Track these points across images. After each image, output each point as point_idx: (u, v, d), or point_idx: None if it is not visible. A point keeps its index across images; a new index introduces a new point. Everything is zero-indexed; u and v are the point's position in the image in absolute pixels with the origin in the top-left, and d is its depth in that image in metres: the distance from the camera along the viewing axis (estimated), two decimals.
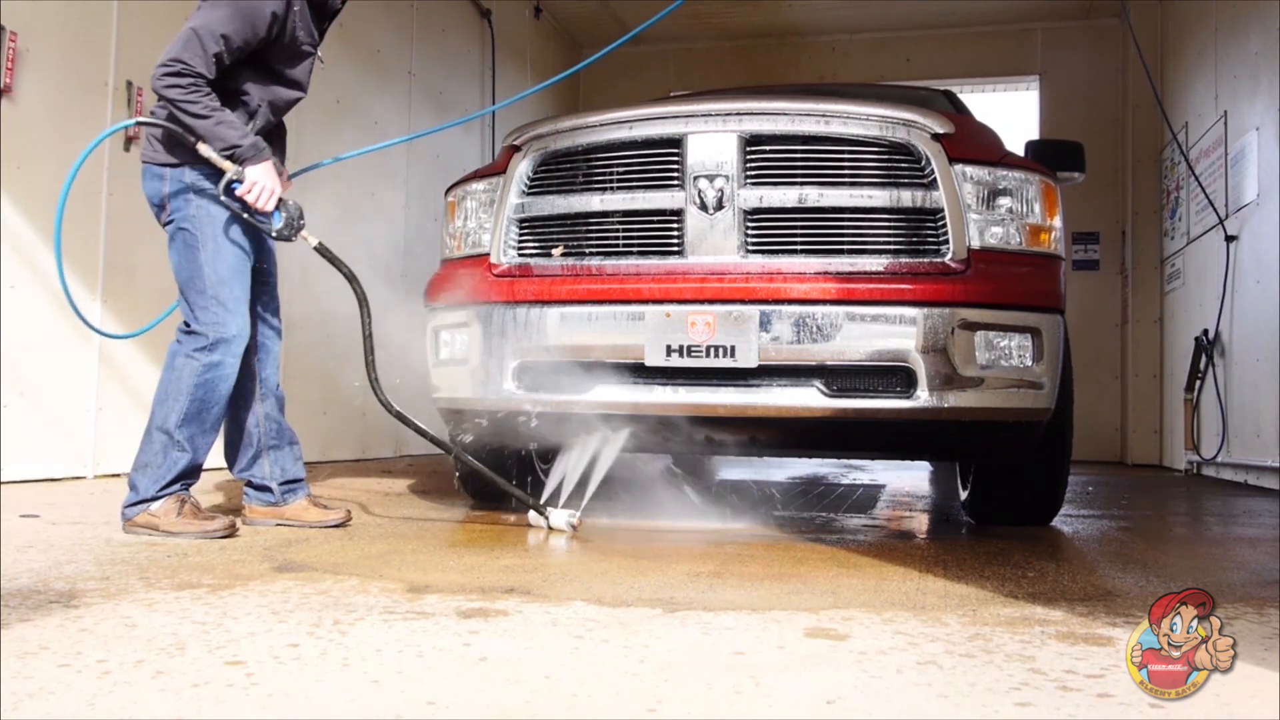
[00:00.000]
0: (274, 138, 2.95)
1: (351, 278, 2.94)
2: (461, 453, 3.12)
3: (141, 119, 2.81)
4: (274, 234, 2.80)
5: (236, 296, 2.77)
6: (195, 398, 2.71)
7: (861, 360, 2.78)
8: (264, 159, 2.73)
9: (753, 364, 2.81)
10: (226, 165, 2.70)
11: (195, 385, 2.71)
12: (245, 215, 2.78)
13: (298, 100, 2.94)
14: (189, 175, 2.74)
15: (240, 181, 2.70)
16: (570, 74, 4.01)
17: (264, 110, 2.84)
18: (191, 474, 2.76)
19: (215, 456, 2.89)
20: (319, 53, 2.95)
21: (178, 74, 2.65)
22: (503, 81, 7.79)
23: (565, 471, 3.13)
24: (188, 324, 2.77)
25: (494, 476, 3.07)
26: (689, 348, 2.84)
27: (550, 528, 2.99)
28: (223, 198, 2.72)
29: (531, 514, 3.09)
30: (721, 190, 2.92)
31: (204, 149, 2.69)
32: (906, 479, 5.77)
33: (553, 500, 3.09)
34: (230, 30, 2.69)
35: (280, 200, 2.78)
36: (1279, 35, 5.24)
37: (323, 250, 2.91)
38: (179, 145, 2.73)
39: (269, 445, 2.95)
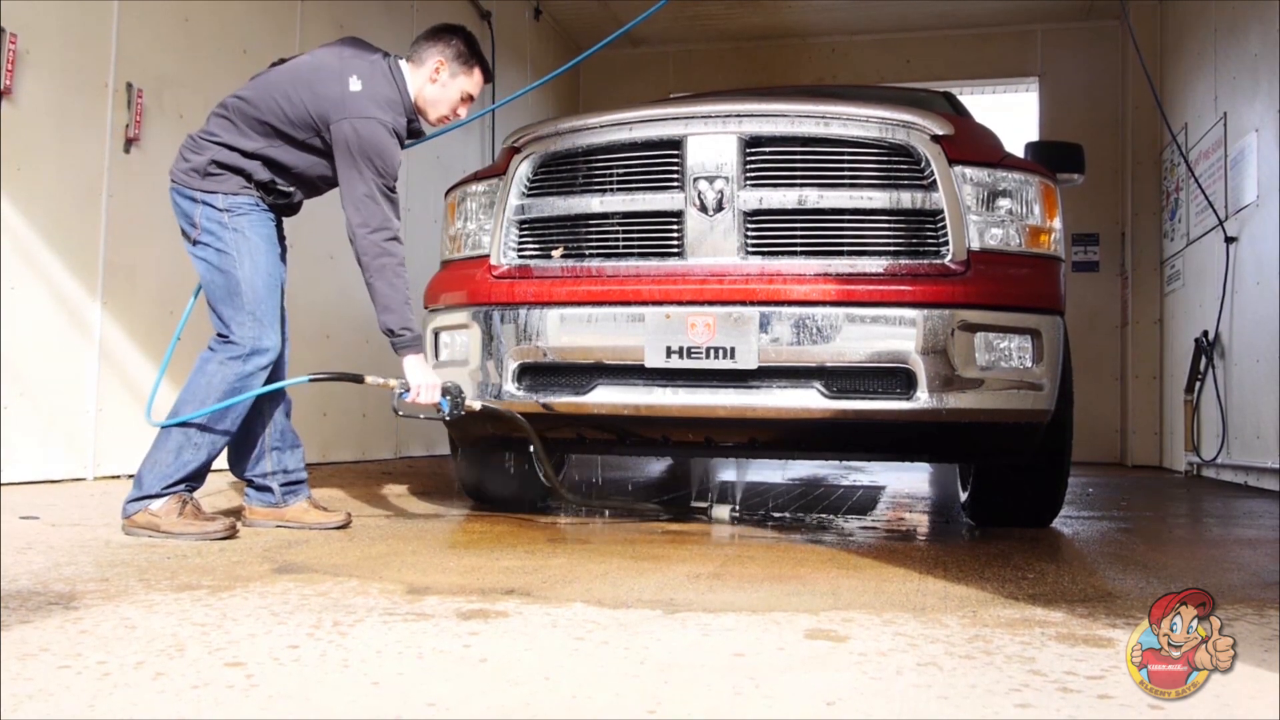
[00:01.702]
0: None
1: (521, 422, 3.02)
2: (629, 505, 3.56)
3: (317, 376, 3.01)
4: (446, 419, 2.95)
5: (271, 312, 2.82)
6: (221, 404, 2.73)
7: (861, 362, 2.78)
8: (420, 349, 2.89)
9: (753, 365, 2.81)
10: (390, 383, 2.90)
11: (224, 393, 2.73)
12: (418, 416, 3.03)
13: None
14: (222, 201, 2.78)
15: (407, 390, 2.88)
16: (568, 68, 4.00)
17: (301, 187, 2.92)
18: (198, 476, 2.78)
19: (217, 458, 2.89)
20: None
21: (396, 240, 2.80)
22: (503, 83, 7.79)
23: (705, 473, 3.44)
24: (223, 335, 2.79)
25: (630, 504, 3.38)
26: (689, 349, 2.84)
27: (713, 519, 3.43)
28: (398, 411, 2.93)
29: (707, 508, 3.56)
30: (721, 192, 2.92)
31: (370, 379, 2.88)
32: (906, 480, 5.77)
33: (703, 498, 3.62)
34: (390, 180, 2.82)
35: (444, 389, 2.92)
36: (1279, 37, 5.24)
37: (489, 409, 3.02)
38: (213, 175, 2.77)
39: (273, 446, 2.96)
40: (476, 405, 3.00)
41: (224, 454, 2.95)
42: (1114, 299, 8.26)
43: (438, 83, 2.98)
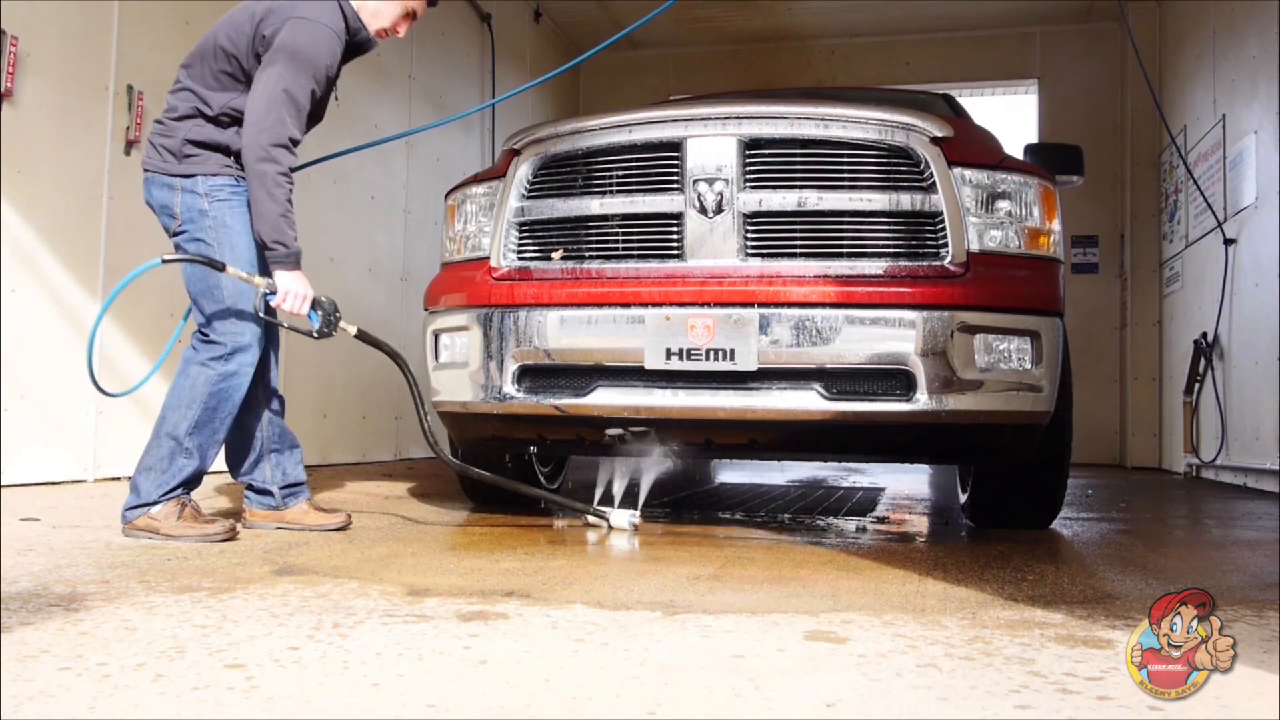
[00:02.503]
0: None
1: (395, 356, 2.98)
2: (522, 488, 3.31)
3: (169, 257, 2.73)
4: (315, 334, 2.81)
5: (252, 307, 2.77)
6: (208, 406, 2.71)
7: (861, 363, 2.78)
8: (296, 268, 2.74)
9: (752, 367, 2.81)
10: (256, 280, 2.70)
11: (210, 394, 2.71)
12: (281, 323, 2.81)
13: (314, 127, 2.96)
14: (202, 185, 2.73)
15: (273, 293, 2.71)
16: (567, 69, 4.00)
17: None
18: (195, 480, 2.76)
19: (216, 461, 2.89)
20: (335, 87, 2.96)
21: (285, 148, 2.66)
22: (503, 85, 7.80)
23: (612, 474, 3.31)
24: (204, 333, 2.75)
25: (556, 497, 3.29)
26: (688, 351, 2.84)
27: (612, 527, 3.16)
28: (261, 314, 2.73)
29: (589, 517, 3.26)
30: (721, 194, 2.92)
31: (231, 270, 2.69)
32: (906, 482, 5.77)
33: (607, 501, 3.30)
34: (319, 71, 2.70)
35: (315, 301, 2.78)
36: (1278, 38, 5.25)
37: (363, 336, 2.93)
38: (190, 156, 2.72)
39: (271, 449, 2.95)
40: (351, 329, 2.87)
41: (221, 455, 2.94)
42: (1113, 301, 8.26)
43: None
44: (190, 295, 2.79)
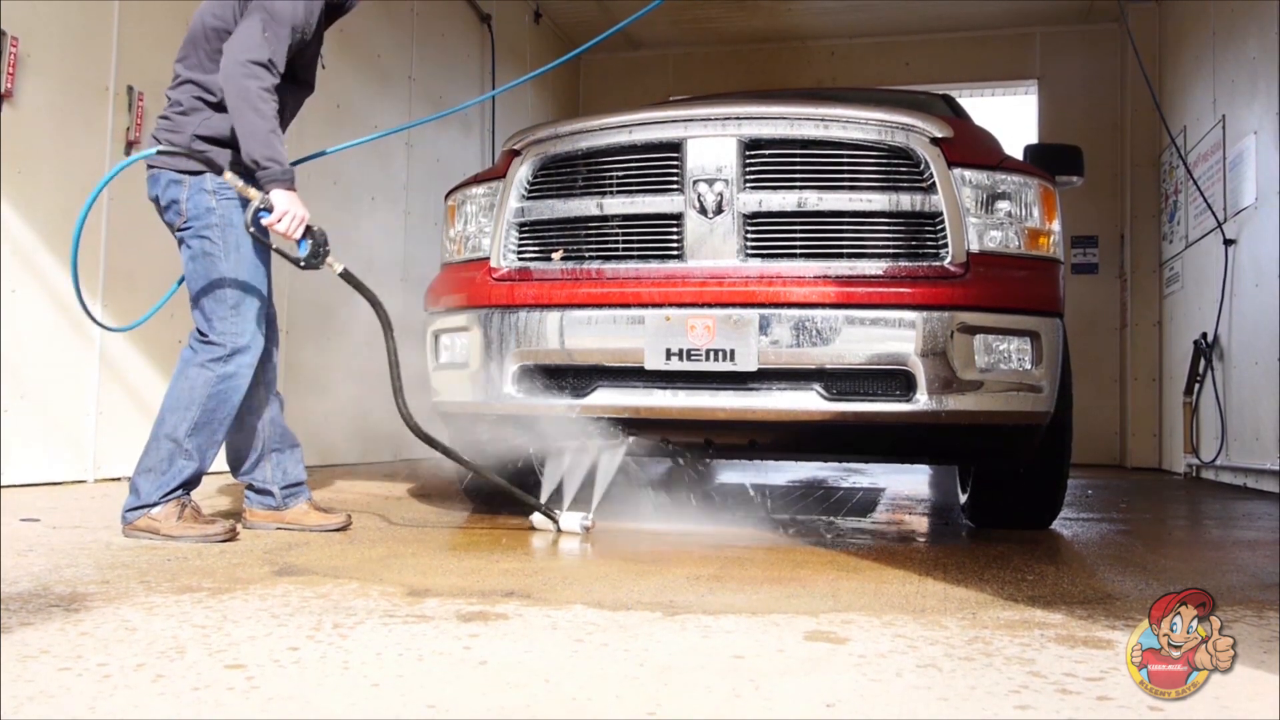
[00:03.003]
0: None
1: (376, 303, 2.86)
2: (476, 466, 3.07)
3: (163, 149, 2.67)
4: (301, 263, 2.71)
5: (255, 307, 2.76)
6: (207, 408, 2.70)
7: (861, 364, 2.79)
8: (291, 186, 2.66)
9: (752, 367, 2.81)
10: (250, 192, 2.62)
11: (209, 395, 2.70)
12: (270, 244, 2.72)
13: (305, 98, 2.94)
14: (210, 182, 2.70)
15: (268, 210, 2.61)
16: (565, 60, 3.99)
17: (286, 113, 2.80)
18: (195, 481, 2.76)
19: (216, 461, 2.89)
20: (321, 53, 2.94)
21: (265, 67, 2.58)
22: (503, 85, 7.80)
23: (564, 474, 3.12)
24: (203, 333, 2.73)
25: (505, 484, 3.05)
26: (688, 351, 2.84)
27: (560, 530, 3.00)
28: (250, 228, 2.64)
29: (536, 517, 3.09)
30: (721, 194, 2.92)
31: (229, 176, 2.61)
32: (906, 482, 5.77)
33: (557, 503, 3.09)
34: (298, 23, 2.64)
35: (308, 228, 2.69)
36: (1277, 39, 5.25)
37: (348, 276, 2.83)
38: (200, 152, 2.69)
39: (272, 449, 2.95)
40: (338, 266, 2.76)
41: (222, 456, 2.94)
42: (1113, 301, 8.26)
43: None
44: (191, 294, 2.77)
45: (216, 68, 2.69)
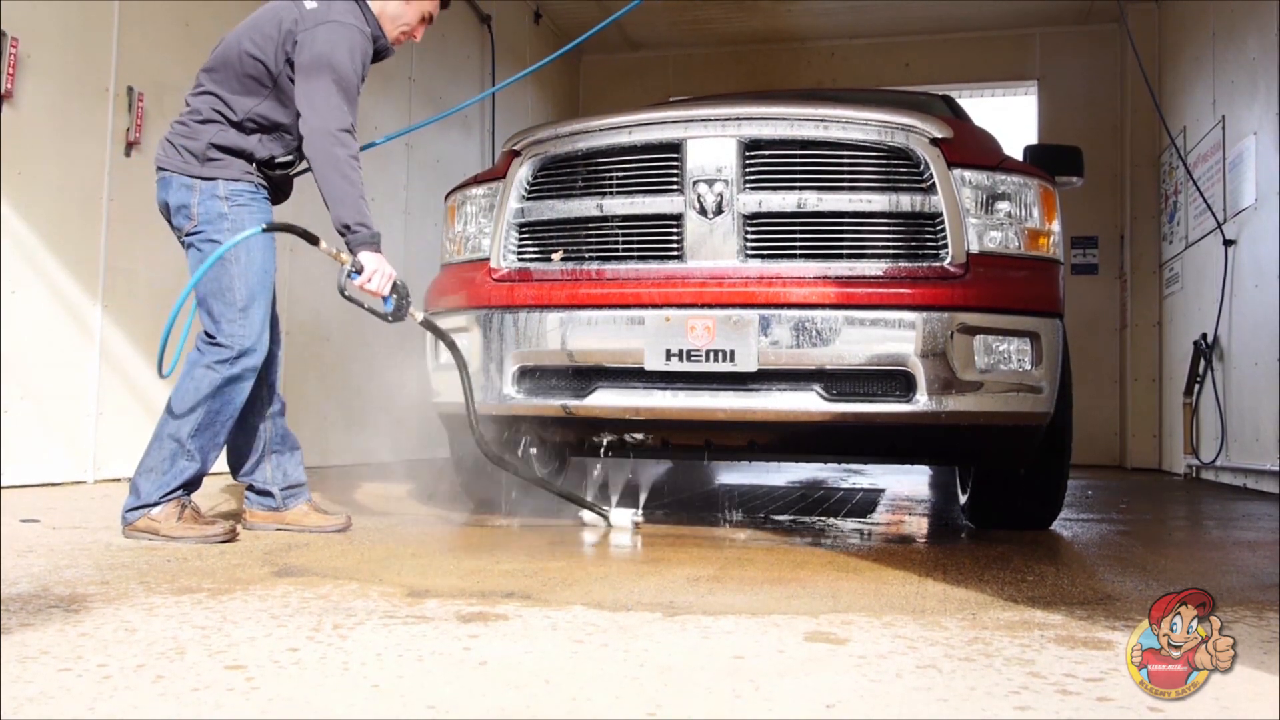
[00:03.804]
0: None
1: (452, 346, 2.97)
2: (543, 481, 3.29)
3: (268, 226, 2.72)
4: (389, 317, 2.81)
5: (262, 311, 2.78)
6: (211, 409, 2.71)
7: (861, 364, 2.79)
8: (377, 248, 2.76)
9: (752, 368, 2.81)
10: (342, 257, 2.73)
11: (214, 397, 2.70)
12: (361, 304, 2.82)
13: None
14: (223, 189, 2.73)
15: (358, 271, 2.72)
16: (562, 53, 4.00)
17: (300, 145, 2.83)
18: (195, 482, 2.76)
19: (216, 462, 2.89)
20: None
21: (349, 132, 2.69)
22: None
23: (607, 474, 3.34)
24: (210, 335, 2.74)
25: (568, 493, 3.26)
26: (688, 352, 2.84)
27: (610, 526, 3.19)
28: (344, 292, 2.75)
29: (586, 514, 3.29)
30: (721, 195, 2.92)
31: (324, 245, 2.71)
32: (906, 483, 5.77)
33: (604, 500, 3.33)
34: (361, 78, 2.74)
35: (393, 285, 2.78)
36: (1277, 40, 5.25)
37: (428, 324, 2.97)
38: (213, 160, 2.73)
39: (272, 450, 2.95)
40: (419, 315, 2.91)
41: (223, 456, 2.94)
42: (1113, 302, 8.27)
43: None
44: (198, 296, 2.78)
45: (243, 89, 2.75)
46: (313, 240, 2.72)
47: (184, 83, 4.47)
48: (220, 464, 2.96)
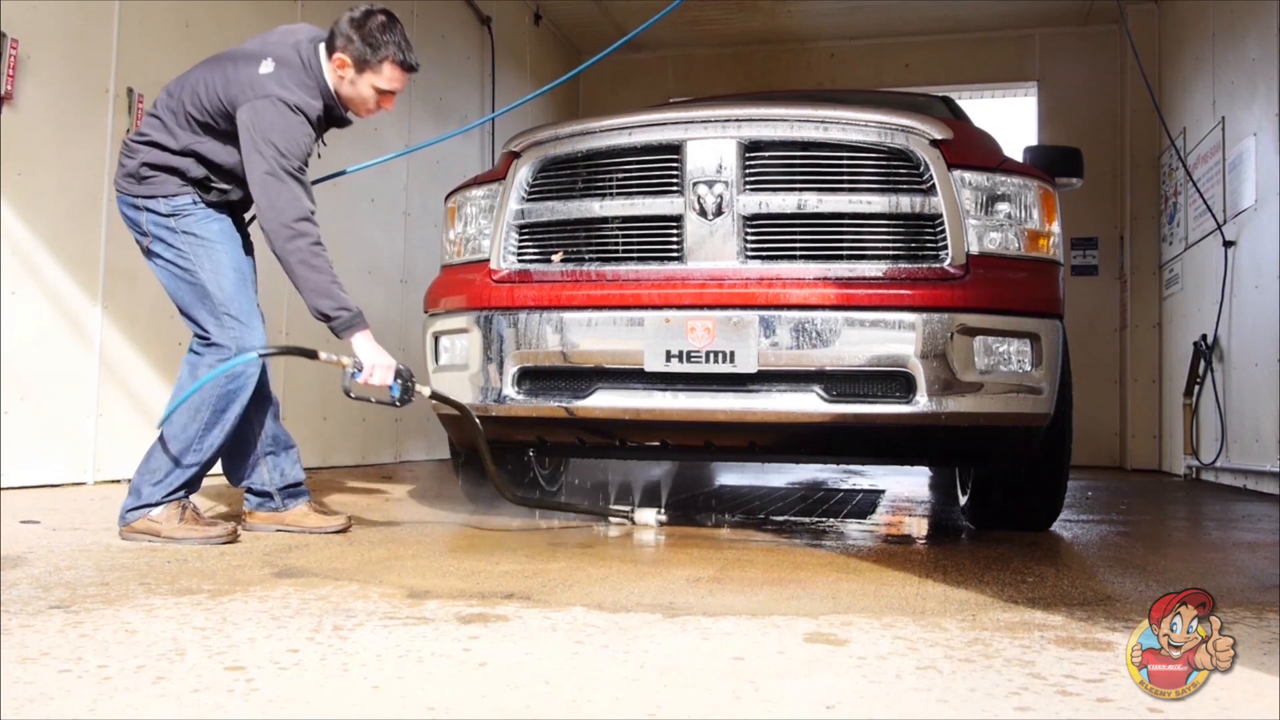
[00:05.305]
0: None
1: (466, 413, 3.01)
2: (570, 506, 3.43)
3: (264, 351, 2.73)
4: (398, 403, 2.84)
5: (248, 309, 2.77)
6: (217, 409, 2.71)
7: (861, 365, 2.79)
8: (365, 326, 2.75)
9: (752, 369, 2.81)
10: (343, 361, 2.74)
11: (219, 396, 2.70)
12: (369, 399, 2.86)
13: None
14: (164, 206, 2.73)
15: (359, 370, 2.73)
16: (568, 78, 4.01)
17: (237, 185, 2.79)
18: (194, 484, 2.76)
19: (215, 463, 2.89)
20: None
21: (306, 220, 2.66)
22: (503, 88, 7.81)
23: (629, 475, 3.38)
24: (203, 337, 2.75)
25: (595, 509, 3.37)
26: (688, 353, 2.84)
27: (635, 524, 3.29)
28: (350, 394, 2.78)
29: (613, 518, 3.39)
30: (721, 196, 2.92)
31: (324, 356, 2.73)
32: (906, 484, 5.77)
33: (627, 501, 3.46)
34: (307, 152, 2.71)
35: (395, 370, 2.79)
36: (1277, 41, 5.25)
37: (437, 396, 3.00)
38: (147, 178, 2.72)
39: (267, 451, 2.95)
40: (426, 391, 2.94)
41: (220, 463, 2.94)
42: (1113, 303, 8.26)
43: (345, 80, 2.82)
44: (182, 311, 2.79)
45: (188, 126, 2.72)
46: (311, 355, 2.75)
47: None
48: (219, 465, 2.96)
